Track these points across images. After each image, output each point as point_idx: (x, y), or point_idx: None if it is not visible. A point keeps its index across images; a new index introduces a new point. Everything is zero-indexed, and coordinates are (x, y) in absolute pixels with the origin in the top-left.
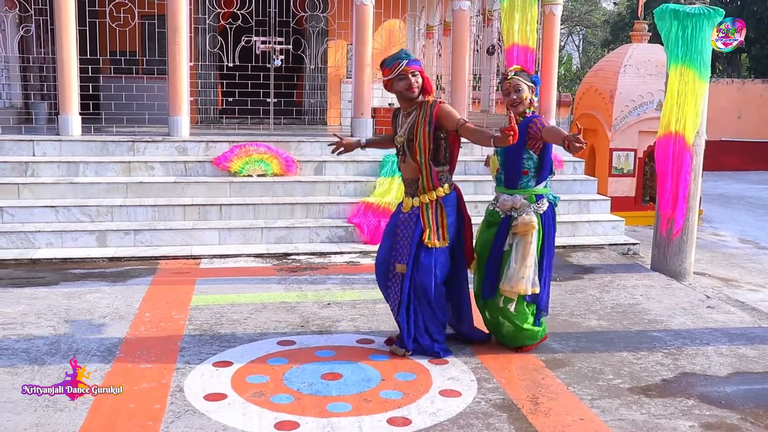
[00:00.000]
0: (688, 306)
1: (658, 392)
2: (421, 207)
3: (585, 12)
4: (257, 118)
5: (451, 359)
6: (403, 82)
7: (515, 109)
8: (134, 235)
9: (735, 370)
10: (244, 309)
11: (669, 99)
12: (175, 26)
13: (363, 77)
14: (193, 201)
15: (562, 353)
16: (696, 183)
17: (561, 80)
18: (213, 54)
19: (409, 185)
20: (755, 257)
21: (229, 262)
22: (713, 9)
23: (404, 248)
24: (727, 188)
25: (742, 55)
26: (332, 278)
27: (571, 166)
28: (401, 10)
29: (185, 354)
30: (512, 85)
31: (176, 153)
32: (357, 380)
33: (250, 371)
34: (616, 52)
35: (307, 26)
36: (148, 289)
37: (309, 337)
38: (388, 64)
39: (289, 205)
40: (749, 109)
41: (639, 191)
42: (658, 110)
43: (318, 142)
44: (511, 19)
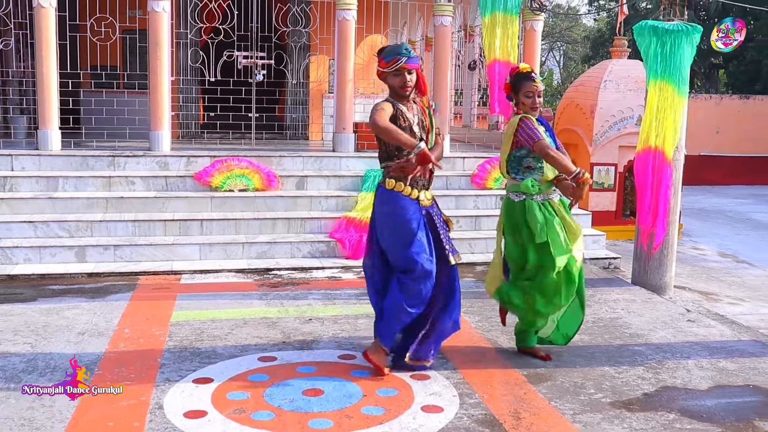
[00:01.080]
0: (669, 320)
1: (640, 406)
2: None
3: (565, 28)
4: (239, 133)
5: (432, 374)
6: (398, 79)
7: (534, 113)
8: (114, 250)
9: (715, 383)
10: (225, 325)
11: (648, 114)
12: (157, 41)
13: (345, 92)
14: (174, 216)
15: (544, 368)
16: (676, 197)
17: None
18: (195, 69)
19: (423, 176)
20: (734, 271)
21: (210, 278)
22: (691, 26)
23: (449, 239)
24: (706, 202)
25: (719, 71)
26: (314, 293)
27: None
28: (383, 25)
29: (165, 371)
30: (538, 90)
31: (157, 168)
32: (338, 396)
33: (230, 388)
34: (596, 68)
35: (289, 41)
36: (128, 305)
37: (290, 352)
38: (387, 57)
39: (271, 220)
40: (727, 124)
41: (619, 205)
42: (638, 125)
43: (300, 157)
44: (492, 34)
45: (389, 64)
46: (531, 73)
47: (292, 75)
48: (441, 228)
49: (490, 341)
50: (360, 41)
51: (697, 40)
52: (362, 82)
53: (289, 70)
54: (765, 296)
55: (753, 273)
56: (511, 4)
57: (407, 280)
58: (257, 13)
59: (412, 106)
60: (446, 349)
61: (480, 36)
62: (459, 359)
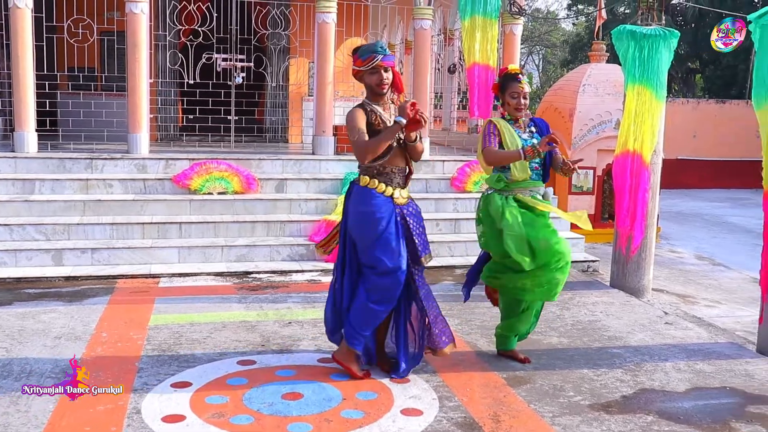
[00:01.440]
0: (647, 322)
1: (618, 409)
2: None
3: (544, 32)
4: (218, 136)
5: (412, 377)
6: (375, 77)
7: (518, 113)
8: (91, 253)
9: (693, 385)
10: (204, 328)
11: (626, 118)
12: (135, 42)
13: (325, 95)
14: (153, 219)
15: (524, 371)
16: (654, 201)
17: None
18: (173, 71)
19: (400, 174)
20: (711, 274)
21: (189, 281)
22: (669, 30)
23: (425, 237)
24: (683, 206)
25: (696, 76)
26: (293, 297)
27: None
28: (363, 28)
29: (143, 375)
30: (524, 91)
31: (135, 170)
32: (318, 400)
33: (209, 392)
34: (575, 72)
35: (269, 44)
36: (106, 308)
37: (269, 356)
38: (363, 55)
39: (250, 223)
40: (704, 128)
41: (598, 209)
42: (617, 129)
43: (279, 160)
44: (472, 38)
45: (366, 62)
46: (518, 74)
47: (272, 78)
48: (415, 228)
49: (470, 344)
50: (340, 44)
51: (674, 44)
52: (342, 85)
53: (268, 73)
54: (741, 299)
55: (729, 276)
56: (491, 8)
57: (372, 276)
58: (236, 15)
59: (389, 106)
60: (426, 353)
61: (459, 39)
62: (438, 362)
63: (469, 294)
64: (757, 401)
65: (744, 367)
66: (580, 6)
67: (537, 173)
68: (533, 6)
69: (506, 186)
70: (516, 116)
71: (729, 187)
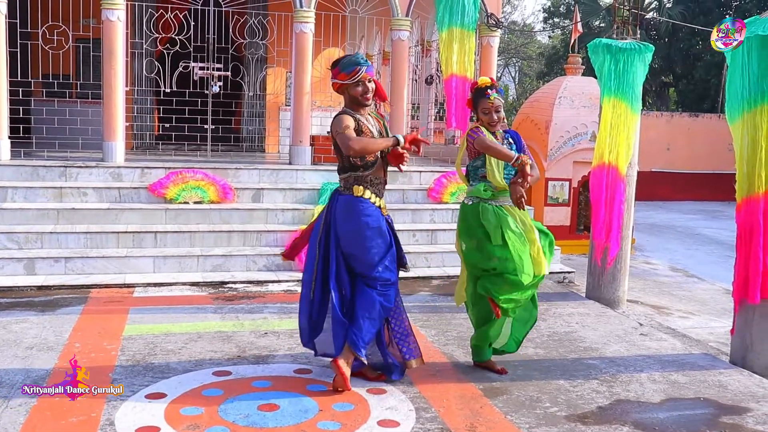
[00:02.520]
0: (622, 333)
1: (594, 419)
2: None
3: (521, 44)
4: (194, 145)
5: (389, 388)
6: (360, 88)
7: (493, 128)
8: (65, 262)
9: (667, 396)
10: (179, 339)
11: (602, 130)
12: (111, 50)
13: (302, 105)
14: (128, 228)
15: (500, 382)
16: (629, 212)
17: None
18: (150, 79)
19: (383, 184)
20: (685, 285)
21: (164, 291)
22: (644, 45)
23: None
24: (658, 218)
25: (670, 89)
26: (269, 307)
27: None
28: (341, 38)
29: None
30: (495, 106)
31: (110, 179)
32: (294, 411)
33: (184, 403)
34: (551, 84)
35: (246, 53)
36: (79, 318)
37: (245, 367)
38: (345, 68)
39: (226, 233)
40: (678, 141)
41: (574, 220)
42: (592, 141)
43: (256, 170)
44: (449, 49)
45: (350, 75)
46: (487, 89)
47: (249, 87)
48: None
49: (446, 355)
50: (317, 54)
51: (649, 58)
52: (319, 95)
53: (245, 82)
54: (714, 310)
55: (702, 287)
56: (468, 20)
57: (379, 287)
58: (214, 24)
59: (369, 116)
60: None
61: (437, 51)
62: (415, 373)
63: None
64: (730, 412)
65: (717, 378)
66: (556, 19)
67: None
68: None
69: (493, 195)
70: (492, 130)
71: (702, 199)
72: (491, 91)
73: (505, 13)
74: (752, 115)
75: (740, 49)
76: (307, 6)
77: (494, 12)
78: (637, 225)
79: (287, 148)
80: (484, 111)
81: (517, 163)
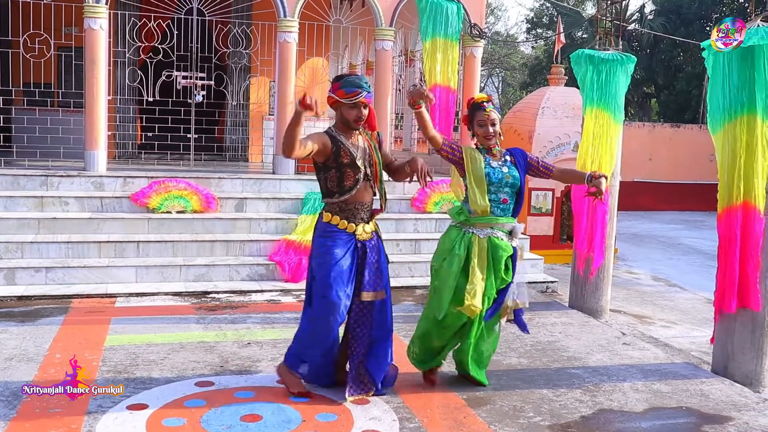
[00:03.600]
0: (605, 343)
1: (578, 429)
2: (377, 229)
3: (504, 55)
4: (177, 154)
5: (372, 398)
6: (354, 111)
7: (488, 142)
8: (46, 272)
9: (650, 405)
10: (161, 349)
11: (585, 141)
12: (93, 59)
13: (285, 114)
14: (110, 238)
15: (483, 391)
16: (611, 222)
17: None
18: (132, 88)
19: (364, 210)
20: (667, 294)
21: (146, 301)
22: (626, 55)
23: (379, 274)
24: (640, 227)
25: (651, 100)
26: (253, 317)
27: None
28: (324, 48)
29: (98, 397)
30: (491, 118)
31: (92, 188)
32: (277, 422)
33: (166, 414)
34: (534, 94)
35: (230, 62)
36: (60, 329)
37: (228, 377)
38: (347, 87)
39: (209, 242)
40: (660, 151)
41: (557, 230)
42: (575, 151)
43: (239, 179)
44: (433, 59)
45: (349, 95)
46: (483, 102)
47: (232, 96)
48: (371, 262)
49: None
50: (301, 64)
51: (631, 69)
52: None
53: (229, 92)
54: (696, 319)
55: (684, 296)
56: (452, 30)
57: (317, 302)
58: (197, 33)
59: (357, 140)
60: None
61: (420, 61)
62: (399, 383)
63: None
64: (712, 420)
65: (699, 387)
66: (539, 30)
67: (503, 207)
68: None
69: (467, 220)
70: (487, 145)
71: (684, 209)
72: (487, 104)
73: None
74: (732, 126)
75: (721, 61)
76: (291, 16)
77: (478, 22)
78: (619, 235)
79: (271, 157)
80: (480, 123)
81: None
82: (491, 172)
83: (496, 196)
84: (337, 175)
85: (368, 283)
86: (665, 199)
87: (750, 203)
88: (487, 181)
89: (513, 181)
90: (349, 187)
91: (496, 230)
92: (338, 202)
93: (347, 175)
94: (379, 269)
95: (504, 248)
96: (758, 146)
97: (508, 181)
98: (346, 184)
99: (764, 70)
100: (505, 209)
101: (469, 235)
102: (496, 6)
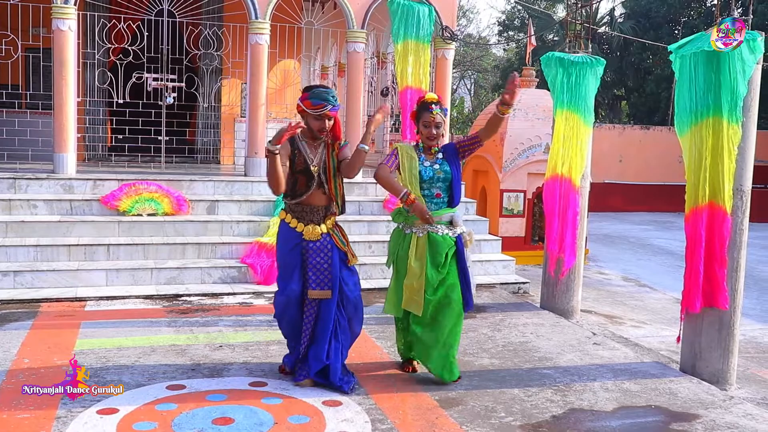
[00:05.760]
0: (576, 343)
1: (549, 429)
2: (331, 232)
3: (476, 57)
4: (148, 156)
5: (344, 400)
6: (318, 122)
7: (429, 142)
8: (14, 276)
9: (620, 404)
10: (132, 353)
11: (555, 142)
12: (62, 60)
13: (257, 116)
14: (79, 241)
15: (455, 392)
16: (582, 223)
17: (453, 122)
18: (102, 90)
19: (315, 213)
20: (637, 294)
21: (117, 304)
22: (595, 58)
23: (325, 274)
24: (610, 228)
25: (622, 102)
26: (224, 320)
27: (463, 206)
28: (296, 50)
29: (67, 401)
30: (435, 121)
31: (62, 191)
32: (249, 424)
33: (137, 418)
34: None
35: (201, 64)
36: (28, 333)
37: (200, 380)
38: (314, 100)
39: (181, 245)
40: (630, 153)
41: (528, 231)
42: (546, 153)
43: (211, 181)
44: (404, 62)
45: (315, 107)
46: (431, 104)
47: (204, 98)
48: (313, 263)
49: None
50: (273, 66)
51: (600, 72)
52: (275, 107)
53: (200, 94)
54: (665, 319)
55: (654, 296)
56: (423, 33)
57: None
58: (168, 34)
59: (319, 146)
60: (358, 375)
61: (393, 63)
62: (371, 385)
63: None
64: (680, 419)
65: (668, 386)
66: (510, 32)
67: (437, 201)
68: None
69: (406, 219)
70: (428, 144)
71: (653, 210)
72: (435, 106)
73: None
74: (698, 128)
75: (687, 64)
76: (263, 17)
77: (449, 25)
78: (590, 236)
79: (242, 159)
80: (425, 124)
81: (405, 200)
82: (423, 170)
83: (429, 191)
84: (292, 179)
85: (313, 282)
86: (635, 200)
87: (715, 204)
88: (420, 179)
89: (444, 175)
90: (300, 192)
91: (434, 225)
92: (291, 204)
93: (300, 180)
94: (326, 270)
95: (442, 241)
96: (724, 148)
97: (439, 176)
98: (298, 188)
99: (729, 73)
100: (439, 203)
101: (409, 235)
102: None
